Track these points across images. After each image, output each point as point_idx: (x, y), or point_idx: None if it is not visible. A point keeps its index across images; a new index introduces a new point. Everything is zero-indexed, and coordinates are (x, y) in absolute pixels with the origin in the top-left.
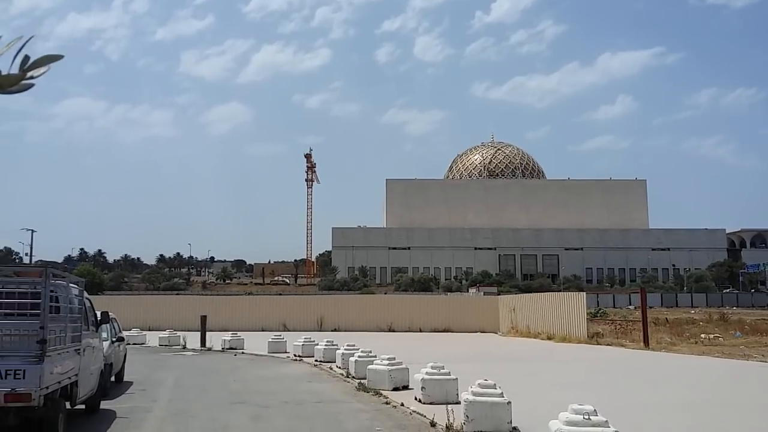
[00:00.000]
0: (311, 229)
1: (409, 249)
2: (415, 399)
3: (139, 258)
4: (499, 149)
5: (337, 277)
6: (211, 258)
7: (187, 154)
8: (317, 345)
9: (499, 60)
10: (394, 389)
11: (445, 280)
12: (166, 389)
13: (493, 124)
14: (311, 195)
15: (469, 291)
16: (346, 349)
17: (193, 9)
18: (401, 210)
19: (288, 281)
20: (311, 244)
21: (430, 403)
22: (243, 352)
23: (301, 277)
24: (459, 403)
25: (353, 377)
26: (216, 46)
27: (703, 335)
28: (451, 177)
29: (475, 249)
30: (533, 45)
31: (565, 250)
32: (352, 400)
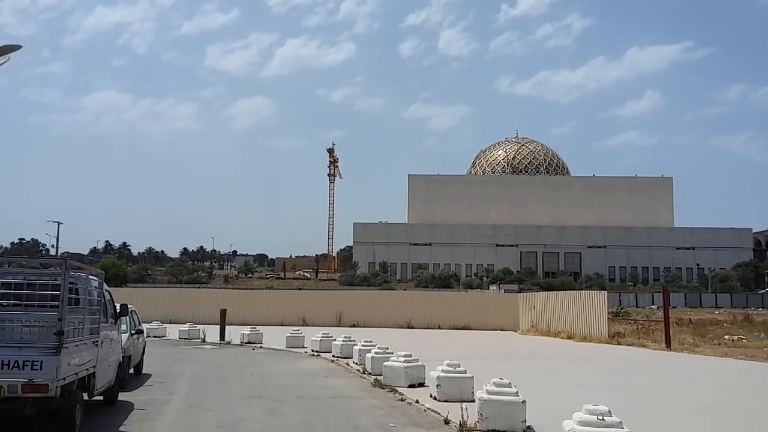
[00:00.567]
0: (333, 224)
1: (430, 245)
2: (431, 396)
3: (163, 251)
4: (523, 145)
5: (357, 272)
6: (234, 252)
7: (211, 148)
8: (335, 341)
9: (525, 54)
10: (410, 386)
11: (466, 276)
12: (183, 382)
13: (518, 119)
14: (333, 190)
15: (490, 288)
16: (363, 345)
17: (219, 3)
18: (423, 206)
19: (309, 276)
20: (332, 239)
21: (445, 400)
22: (261, 347)
23: (322, 271)
24: (474, 401)
25: (369, 373)
26: (241, 40)
27: (726, 336)
28: (473, 173)
29: (497, 246)
30: (559, 39)
31: (588, 248)
32: (367, 396)
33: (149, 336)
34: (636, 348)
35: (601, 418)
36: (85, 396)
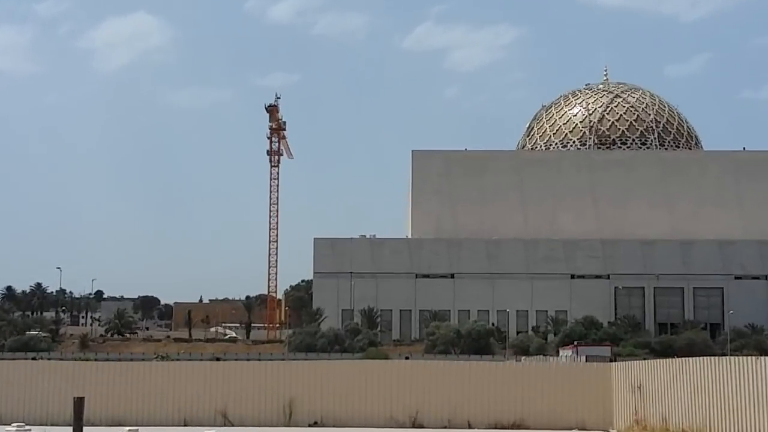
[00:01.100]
0: (277, 241)
1: (452, 278)
2: None
3: None
4: (617, 96)
5: (321, 327)
6: (98, 293)
7: (56, 107)
8: None
9: None
10: None
11: (518, 333)
12: None
13: (608, 51)
14: (278, 180)
15: (560, 353)
16: None
17: None
18: (438, 207)
19: (235, 334)
20: (276, 268)
21: None
22: None
23: (258, 327)
24: None
25: None
26: None
27: None
28: (529, 147)
29: (572, 277)
30: None
31: (736, 278)
32: None
33: None
34: None
35: None
36: None
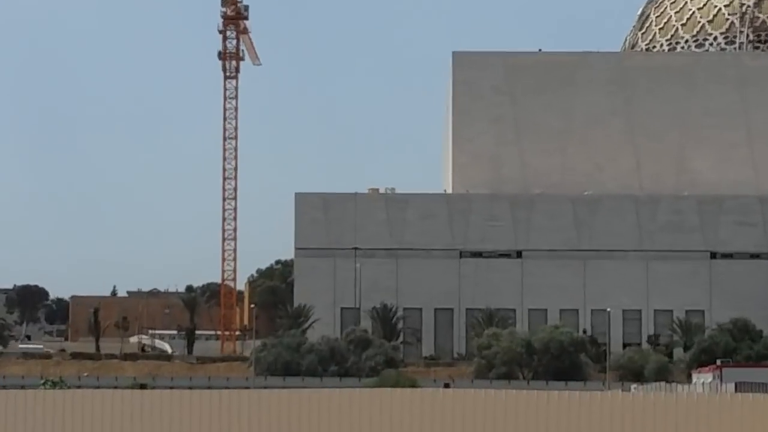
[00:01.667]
0: (235, 198)
1: (518, 256)
2: None
3: None
4: None
5: (307, 335)
6: None
7: None
8: None
9: None
10: None
11: (624, 346)
12: None
13: None
14: (235, 100)
15: (693, 378)
16: None
17: None
18: (494, 144)
19: (169, 346)
20: (234, 243)
21: None
22: None
23: (206, 335)
24: None
25: None
26: None
27: None
28: (642, 47)
29: (713, 256)
30: None
31: None
32: None
33: None
34: None
35: None
36: None
